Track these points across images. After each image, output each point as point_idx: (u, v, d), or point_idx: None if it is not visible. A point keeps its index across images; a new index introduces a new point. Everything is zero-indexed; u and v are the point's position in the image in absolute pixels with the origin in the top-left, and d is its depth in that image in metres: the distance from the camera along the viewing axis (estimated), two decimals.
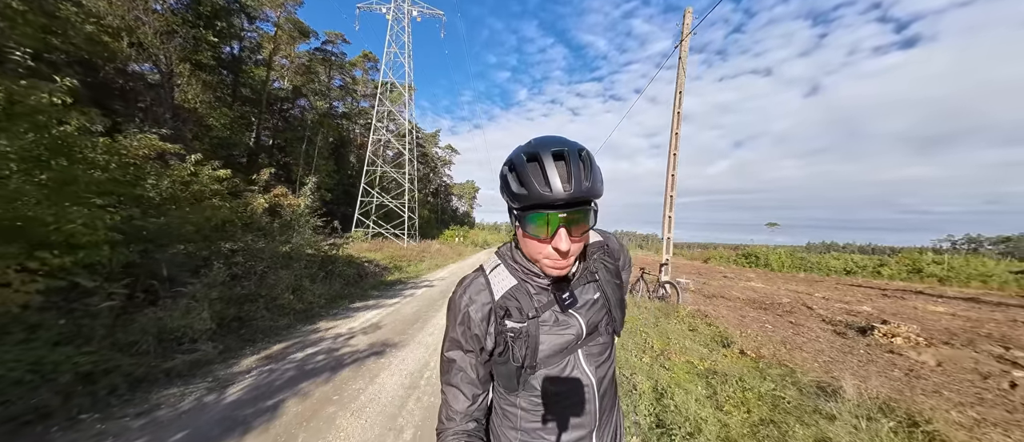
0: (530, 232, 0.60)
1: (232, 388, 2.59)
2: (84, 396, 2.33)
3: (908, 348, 4.28)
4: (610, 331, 0.73)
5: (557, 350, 0.66)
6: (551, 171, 0.55)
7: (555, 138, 0.61)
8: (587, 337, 0.69)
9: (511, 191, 0.59)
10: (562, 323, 0.66)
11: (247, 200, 6.56)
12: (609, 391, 0.72)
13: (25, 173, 3.12)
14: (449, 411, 0.66)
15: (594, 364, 0.69)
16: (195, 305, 3.58)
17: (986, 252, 31.84)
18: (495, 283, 0.67)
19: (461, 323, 0.66)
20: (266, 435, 2.03)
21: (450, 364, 0.67)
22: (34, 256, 2.97)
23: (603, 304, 0.71)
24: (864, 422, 1.95)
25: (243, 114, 18.99)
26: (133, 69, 13.30)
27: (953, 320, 7.31)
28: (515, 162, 0.59)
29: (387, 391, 2.63)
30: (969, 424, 2.22)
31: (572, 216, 0.57)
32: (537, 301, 0.66)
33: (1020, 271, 18.90)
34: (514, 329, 0.64)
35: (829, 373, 3.03)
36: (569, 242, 0.57)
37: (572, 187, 0.55)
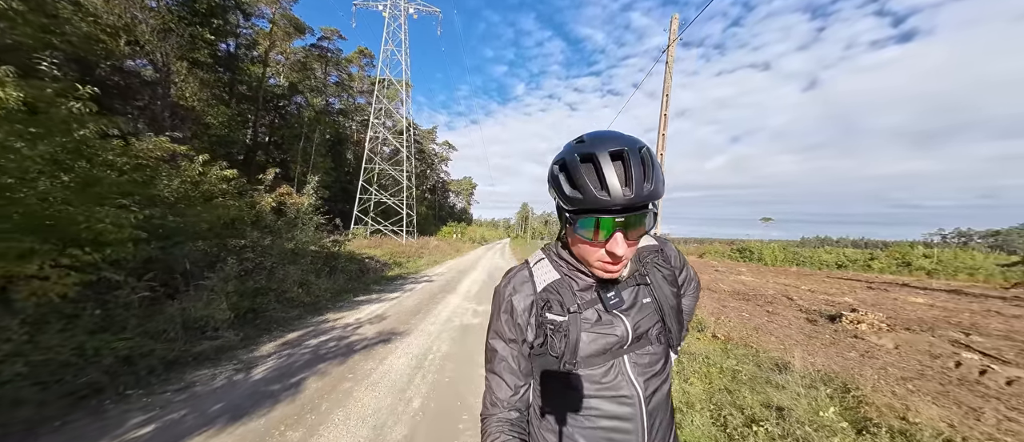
0: (582, 235, 0.57)
1: (257, 369, 2.90)
2: (128, 376, 2.64)
3: (870, 333, 4.67)
4: (664, 343, 0.67)
5: (599, 351, 0.62)
6: (609, 173, 0.52)
7: (611, 134, 0.57)
8: (634, 343, 0.64)
9: (563, 193, 0.56)
10: (606, 323, 0.63)
11: (255, 199, 6.81)
12: (661, 411, 0.65)
13: (51, 175, 3.39)
14: (493, 397, 0.65)
15: (643, 375, 0.63)
16: (214, 297, 3.88)
17: (976, 246, 32.54)
18: (538, 276, 0.67)
19: (505, 312, 0.66)
20: (294, 404, 2.35)
21: (493, 353, 0.66)
22: (66, 253, 3.25)
23: (655, 310, 0.66)
24: (804, 390, 2.30)
25: (240, 112, 19.05)
26: (130, 67, 13.38)
27: (929, 310, 7.74)
28: (567, 162, 0.56)
29: (396, 370, 2.96)
30: (899, 391, 2.58)
31: (629, 220, 0.54)
32: (580, 297, 0.64)
33: (1007, 264, 19.53)
34: (554, 322, 0.63)
35: (790, 353, 3.40)
36: (625, 247, 0.55)
37: (632, 191, 0.52)
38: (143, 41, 13.19)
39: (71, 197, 3.40)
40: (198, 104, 16.34)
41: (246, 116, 20.01)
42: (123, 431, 2.03)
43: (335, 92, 29.01)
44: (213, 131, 16.51)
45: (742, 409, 2.14)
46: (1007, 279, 16.10)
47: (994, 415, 2.55)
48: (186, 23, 14.51)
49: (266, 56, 21.71)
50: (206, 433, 2.00)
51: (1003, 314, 7.32)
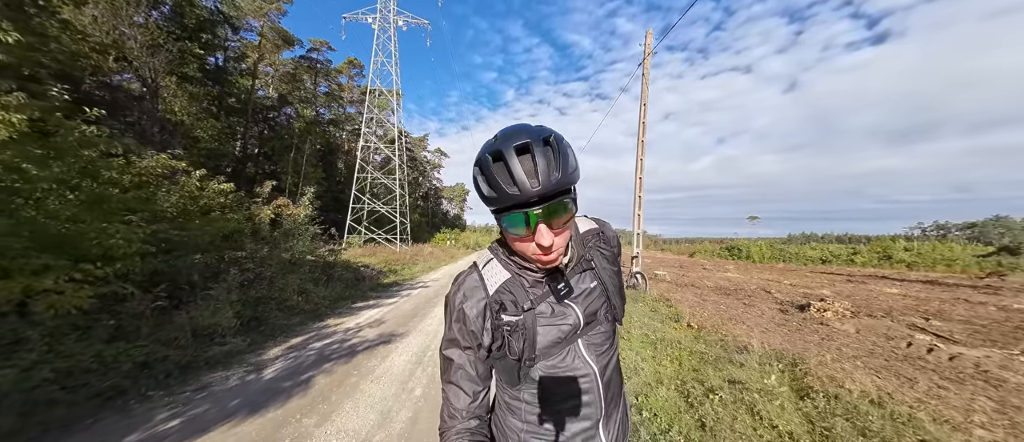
0: (510, 232, 0.58)
1: (267, 370, 3.11)
2: (147, 379, 2.83)
3: (835, 320, 5.07)
4: (610, 319, 0.70)
5: (555, 341, 0.64)
6: (516, 169, 0.53)
7: (519, 128, 0.57)
8: (586, 327, 0.66)
9: (482, 194, 0.58)
10: (559, 314, 0.65)
11: (254, 211, 6.98)
12: (613, 380, 0.69)
13: (59, 195, 3.57)
14: (450, 409, 0.65)
15: (595, 353, 0.67)
16: (220, 306, 4.07)
17: (954, 238, 33.81)
18: (489, 278, 0.66)
19: (457, 321, 0.65)
20: (306, 397, 2.58)
21: (449, 363, 0.66)
22: (79, 268, 3.43)
23: (601, 292, 0.69)
24: (759, 366, 2.63)
25: (229, 124, 19.03)
26: (119, 83, 13.38)
27: (902, 299, 8.21)
28: (482, 163, 0.57)
29: (397, 366, 3.21)
30: (847, 366, 2.94)
31: (548, 210, 0.54)
32: (532, 293, 0.65)
33: (983, 255, 20.49)
34: (510, 322, 0.63)
35: (758, 339, 3.75)
36: (551, 236, 0.56)
37: (540, 183, 0.52)
38: (132, 57, 13.23)
39: (80, 214, 3.58)
40: (187, 118, 16.33)
41: (235, 129, 19.98)
42: (152, 425, 2.24)
43: (325, 102, 29.10)
44: (202, 144, 16.49)
45: (704, 383, 2.45)
46: (982, 269, 16.95)
47: (927, 384, 2.92)
48: (175, 38, 14.58)
49: (255, 68, 21.78)
50: (230, 423, 2.23)
51: (970, 301, 7.80)
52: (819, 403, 2.17)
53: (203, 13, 15.43)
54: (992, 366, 3.46)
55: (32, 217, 3.25)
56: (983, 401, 2.62)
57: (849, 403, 2.18)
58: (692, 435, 1.86)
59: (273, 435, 2.10)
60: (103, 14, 12.25)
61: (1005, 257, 18.75)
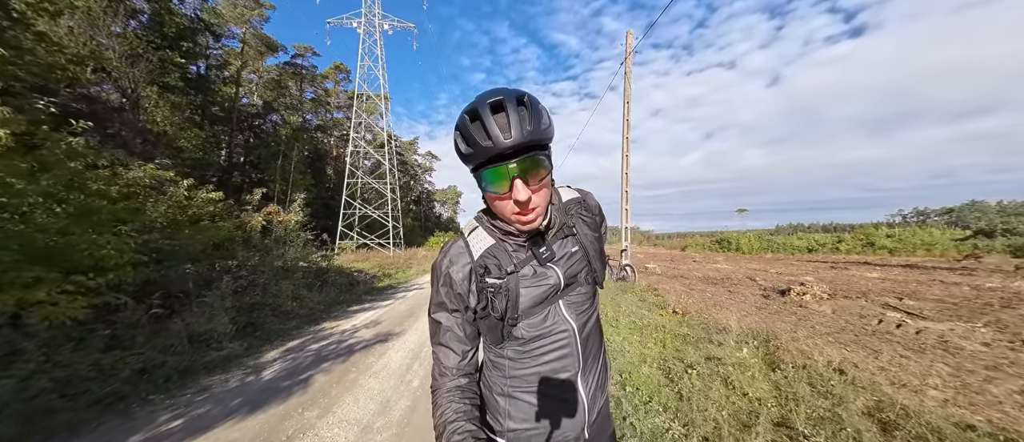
0: (489, 190, 0.60)
1: (266, 371, 3.18)
2: (147, 384, 2.88)
3: (813, 302, 5.33)
4: (590, 282, 0.74)
5: (537, 301, 0.67)
6: (490, 124, 0.55)
7: (493, 90, 0.59)
8: (566, 288, 0.70)
9: (461, 152, 0.60)
10: (540, 276, 0.68)
11: (244, 219, 6.96)
12: (592, 337, 0.74)
13: (46, 208, 3.58)
14: (441, 368, 0.68)
15: (575, 312, 0.70)
16: (215, 313, 4.10)
17: (933, 223, 35.26)
18: (474, 244, 0.69)
19: (444, 284, 0.68)
20: (306, 394, 2.66)
21: (437, 325, 0.69)
22: (71, 279, 3.44)
23: (582, 256, 0.72)
24: (735, 343, 2.81)
25: (214, 133, 18.74)
26: (98, 94, 13.11)
27: (880, 283, 8.57)
28: (459, 124, 0.59)
29: (394, 361, 3.31)
30: (818, 342, 3.15)
31: (522, 164, 0.56)
32: (516, 257, 0.68)
33: (960, 239, 21.42)
34: (494, 285, 0.66)
35: (739, 322, 3.95)
36: (527, 191, 0.57)
37: (512, 135, 0.54)
38: (110, 68, 12.98)
39: (69, 226, 3.59)
40: (170, 128, 16.04)
41: (219, 138, 19.67)
42: (154, 426, 2.30)
43: (312, 108, 28.82)
44: (186, 154, 16.21)
45: (684, 361, 2.62)
46: (960, 252, 17.72)
47: (891, 354, 3.14)
48: (155, 47, 14.34)
49: (238, 76, 21.48)
50: (232, 420, 2.31)
51: (945, 282, 8.19)
52: (788, 373, 2.35)
53: (183, 21, 15.20)
54: (954, 338, 3.72)
55: (21, 230, 3.25)
56: (940, 367, 2.85)
57: (814, 372, 2.37)
58: (670, 404, 2.02)
59: (277, 427, 2.19)
60: (79, 25, 12.01)
61: (981, 240, 19.66)
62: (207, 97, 17.79)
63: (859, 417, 1.84)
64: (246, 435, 2.12)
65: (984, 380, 2.56)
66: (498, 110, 0.56)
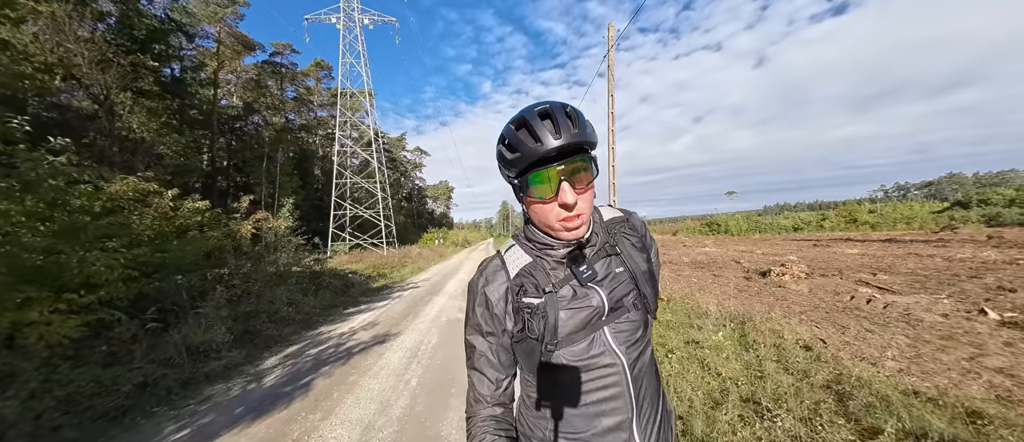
0: (534, 195, 0.60)
1: (267, 378, 3.27)
2: (149, 397, 2.94)
3: (791, 282, 5.61)
4: (641, 309, 0.67)
5: (579, 326, 0.62)
6: (540, 128, 0.56)
7: (539, 102, 0.61)
8: (611, 313, 0.64)
9: (506, 160, 0.60)
10: (581, 297, 0.63)
11: (234, 228, 6.92)
12: (647, 377, 0.66)
13: (29, 227, 3.55)
14: (475, 394, 0.66)
15: (624, 344, 0.64)
16: (211, 323, 4.14)
17: (913, 197, 36.27)
18: (511, 262, 0.67)
19: (480, 305, 0.66)
20: (308, 398, 2.77)
21: (472, 349, 0.67)
22: (62, 298, 3.45)
23: (628, 278, 0.67)
24: (714, 326, 3.00)
25: (194, 138, 18.26)
26: (69, 102, 12.64)
27: (859, 258, 8.92)
28: (506, 134, 0.61)
29: (393, 362, 3.42)
30: (792, 321, 3.37)
31: (570, 166, 0.57)
32: (554, 276, 0.65)
33: (938, 211, 22.27)
34: (531, 305, 0.63)
35: (720, 304, 4.17)
36: (574, 194, 0.57)
37: (561, 137, 0.55)
38: (80, 75, 12.50)
39: (54, 245, 3.57)
40: (148, 134, 15.58)
41: (200, 142, 19.19)
42: (161, 437, 2.39)
43: (294, 107, 28.17)
44: (167, 161, 15.80)
45: (665, 346, 2.80)
46: (937, 224, 18.47)
47: (857, 329, 3.38)
48: (125, 51, 13.83)
49: (216, 77, 20.83)
50: (238, 428, 2.40)
51: (920, 255, 8.58)
52: (760, 352, 2.54)
53: (153, 23, 14.65)
54: (918, 310, 4.00)
55: (7, 251, 3.24)
56: (900, 339, 3.09)
57: (784, 350, 2.56)
58: None
59: (282, 431, 2.30)
60: (44, 31, 11.50)
61: (958, 211, 20.51)
62: (184, 101, 17.25)
63: (819, 390, 2.03)
64: (253, 440, 2.23)
65: (937, 349, 2.80)
66: (545, 116, 0.58)
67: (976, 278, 5.69)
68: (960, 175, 49.04)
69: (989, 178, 70.68)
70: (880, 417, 1.67)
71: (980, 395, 2.03)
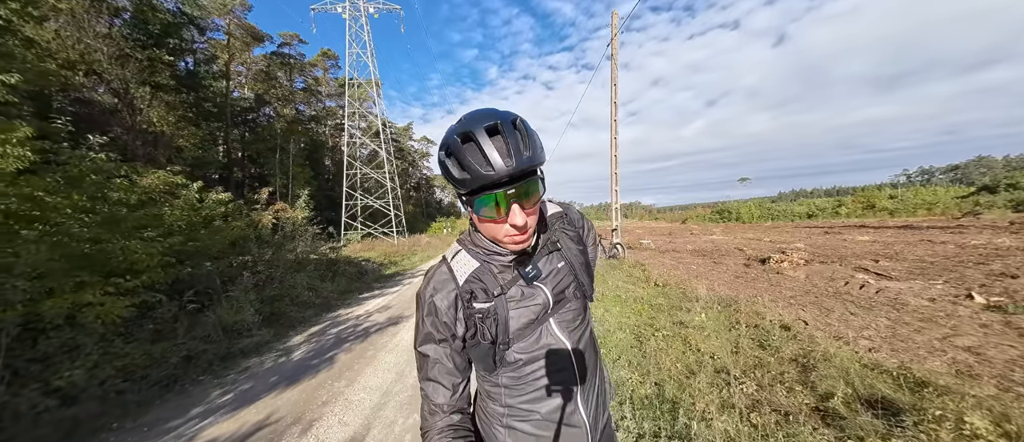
0: (483, 215, 0.59)
1: (295, 353, 3.65)
2: (194, 369, 3.35)
3: (789, 269, 5.73)
4: (580, 296, 0.72)
5: (527, 322, 0.66)
6: (489, 149, 0.54)
7: (484, 111, 0.59)
8: (556, 306, 0.68)
9: (453, 177, 0.58)
10: (528, 296, 0.67)
11: (254, 217, 7.34)
12: (587, 353, 0.72)
13: (77, 219, 3.94)
14: (431, 406, 0.66)
15: (567, 330, 0.69)
16: (242, 306, 4.55)
17: (937, 181, 34.82)
18: (458, 269, 0.68)
19: (429, 314, 0.66)
20: (333, 369, 3.12)
21: (424, 359, 0.67)
22: (111, 282, 3.85)
23: (569, 271, 0.71)
24: (703, 309, 3.22)
25: (210, 131, 18.82)
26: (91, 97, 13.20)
27: (869, 245, 8.81)
28: (450, 146, 0.58)
29: (407, 340, 3.77)
30: (781, 305, 3.55)
31: (520, 190, 0.57)
32: (502, 279, 0.66)
33: (962, 196, 21.49)
34: (482, 310, 0.64)
35: (712, 289, 4.36)
36: (524, 216, 0.57)
37: (513, 161, 0.54)
38: (101, 70, 13.00)
39: (99, 235, 3.96)
40: (167, 127, 16.15)
41: (215, 134, 19.76)
42: (210, 400, 2.77)
43: (303, 98, 28.54)
44: (186, 153, 16.40)
45: (653, 326, 3.04)
46: (960, 210, 17.85)
47: (841, 312, 3.55)
48: (141, 46, 14.25)
49: (227, 68, 21.24)
50: (275, 392, 2.77)
51: (933, 242, 8.38)
52: (741, 332, 2.76)
53: (166, 17, 14.99)
54: (907, 295, 4.12)
55: (59, 241, 3.63)
56: (882, 321, 3.26)
57: (763, 329, 2.78)
58: (635, 361, 2.43)
59: (313, 396, 2.65)
60: (65, 28, 11.95)
61: (984, 196, 19.70)
62: (199, 94, 17.72)
63: (787, 363, 2.25)
64: (288, 402, 2.58)
65: (914, 331, 2.97)
66: (494, 133, 0.56)
67: (983, 265, 5.64)
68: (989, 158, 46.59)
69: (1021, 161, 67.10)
70: (835, 385, 1.89)
71: (941, 369, 2.22)
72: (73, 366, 2.98)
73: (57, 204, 3.80)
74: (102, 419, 2.55)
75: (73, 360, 3.05)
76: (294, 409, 2.47)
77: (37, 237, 3.37)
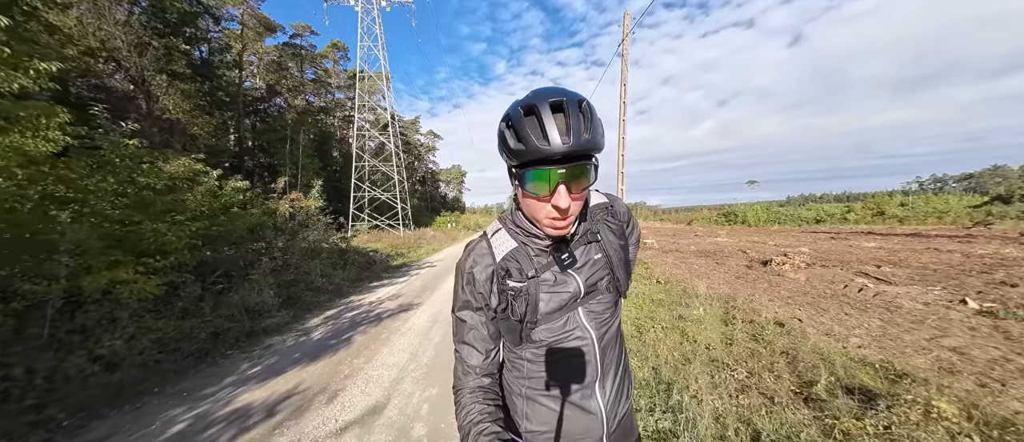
0: (529, 190, 0.60)
1: (314, 333, 3.88)
2: (222, 344, 3.59)
3: (790, 271, 5.84)
4: (613, 290, 0.73)
5: (557, 307, 0.68)
6: (549, 124, 0.54)
7: (553, 88, 0.59)
8: (586, 296, 0.70)
9: (508, 147, 0.58)
10: (561, 282, 0.69)
11: (272, 206, 7.60)
12: (611, 347, 0.74)
13: (111, 202, 4.18)
14: (464, 366, 0.70)
15: (595, 321, 0.71)
16: (262, 289, 4.79)
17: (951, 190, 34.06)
18: (496, 246, 0.70)
19: (468, 283, 0.70)
20: (350, 348, 3.34)
21: (461, 324, 0.71)
22: (141, 262, 4.10)
23: (605, 264, 0.72)
24: (702, 305, 3.38)
25: (223, 120, 19.17)
26: (111, 84, 13.55)
27: (874, 252, 8.79)
28: (512, 117, 0.58)
29: (418, 325, 3.98)
30: (778, 303, 3.70)
31: (571, 171, 0.56)
32: (537, 262, 0.69)
33: (975, 205, 21.14)
34: (514, 288, 0.67)
35: (713, 288, 4.51)
36: (569, 199, 0.57)
37: (570, 140, 0.54)
38: (120, 57, 13.34)
39: (130, 216, 4.20)
40: (182, 115, 16.50)
41: (227, 123, 20.11)
42: (240, 371, 3.00)
43: (313, 89, 28.83)
44: (200, 141, 16.74)
45: (654, 318, 3.21)
46: (972, 219, 17.59)
47: (836, 313, 3.69)
48: (159, 35, 14.55)
49: (240, 58, 21.56)
50: (300, 366, 2.99)
51: (940, 250, 8.31)
52: (736, 326, 2.92)
53: (183, 6, 15.26)
54: (904, 299, 4.24)
55: (96, 223, 3.88)
56: (874, 322, 3.39)
57: (758, 325, 2.93)
58: (635, 348, 2.61)
59: (334, 370, 2.87)
60: (86, 15, 12.26)
61: (997, 205, 19.32)
62: (213, 83, 18.04)
63: (778, 355, 2.41)
64: (313, 375, 2.80)
65: (903, 331, 3.11)
66: (557, 110, 0.56)
67: (985, 273, 5.68)
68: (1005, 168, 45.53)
69: None
70: (819, 374, 2.05)
71: (924, 366, 2.36)
72: (113, 338, 3.23)
73: (95, 186, 4.05)
74: (144, 384, 2.79)
75: (111, 332, 3.30)
76: (319, 381, 2.69)
77: (73, 216, 3.61)
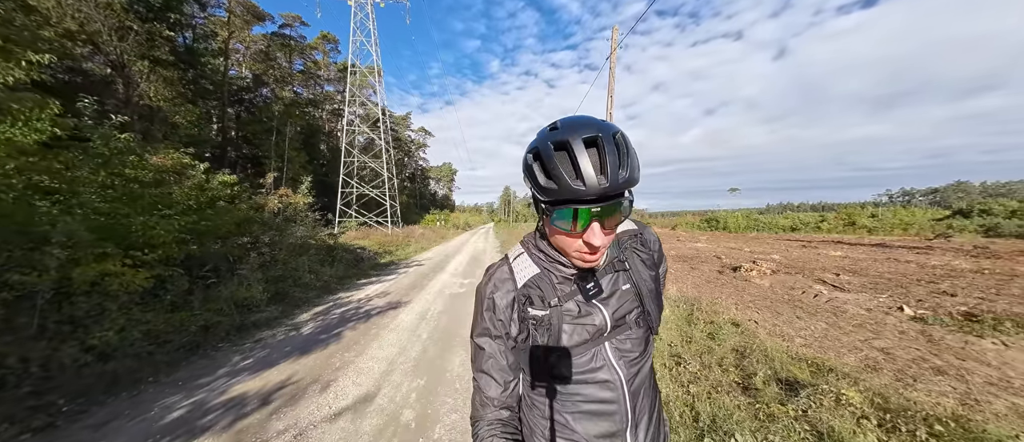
0: (559, 227, 0.57)
1: (304, 328, 4.01)
2: (213, 337, 3.69)
3: (757, 277, 6.29)
4: (643, 326, 0.68)
5: (580, 341, 0.64)
6: (583, 162, 0.52)
7: (585, 119, 0.56)
8: (614, 330, 0.65)
9: (538, 184, 0.56)
10: (585, 313, 0.64)
11: (261, 201, 7.59)
12: (644, 391, 0.68)
13: (99, 195, 4.21)
14: (482, 397, 0.66)
15: (624, 360, 0.65)
16: (250, 284, 4.87)
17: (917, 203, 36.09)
18: (518, 271, 0.67)
19: (488, 309, 0.67)
20: (341, 343, 3.51)
21: (479, 351, 0.67)
22: (130, 254, 4.15)
23: (634, 296, 0.67)
24: (666, 303, 3.70)
25: (206, 109, 18.69)
26: (89, 69, 13.09)
27: (838, 260, 9.38)
28: (541, 151, 0.55)
29: (406, 322, 4.16)
30: (740, 307, 4.05)
31: (607, 209, 0.53)
32: (560, 290, 0.65)
33: (939, 219, 22.53)
34: (536, 317, 0.63)
35: (684, 293, 4.86)
36: (602, 237, 0.55)
37: (607, 180, 0.51)
38: (100, 42, 12.91)
39: (118, 209, 4.23)
40: (163, 103, 16.03)
41: (210, 112, 19.60)
42: (232, 364, 3.13)
43: (302, 80, 28.32)
44: (182, 130, 16.29)
45: None
46: (933, 232, 18.82)
47: (788, 316, 4.08)
48: (142, 19, 14.12)
49: (226, 46, 21.04)
50: (291, 359, 3.14)
51: (898, 260, 8.89)
52: (698, 326, 3.24)
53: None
54: (851, 305, 4.67)
55: (84, 214, 3.91)
56: (820, 324, 3.78)
57: (717, 325, 3.26)
58: None
59: (326, 363, 3.03)
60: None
61: (958, 219, 20.73)
62: (196, 70, 17.56)
63: (729, 352, 2.73)
64: (305, 367, 2.96)
65: (843, 333, 3.49)
66: (591, 145, 0.53)
67: (933, 283, 6.19)
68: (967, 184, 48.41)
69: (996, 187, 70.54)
70: (760, 368, 2.37)
71: (852, 363, 2.72)
72: (103, 329, 3.30)
73: (83, 178, 4.07)
74: (138, 374, 2.90)
75: (101, 323, 3.37)
76: (311, 373, 2.86)
77: (62, 208, 3.65)
